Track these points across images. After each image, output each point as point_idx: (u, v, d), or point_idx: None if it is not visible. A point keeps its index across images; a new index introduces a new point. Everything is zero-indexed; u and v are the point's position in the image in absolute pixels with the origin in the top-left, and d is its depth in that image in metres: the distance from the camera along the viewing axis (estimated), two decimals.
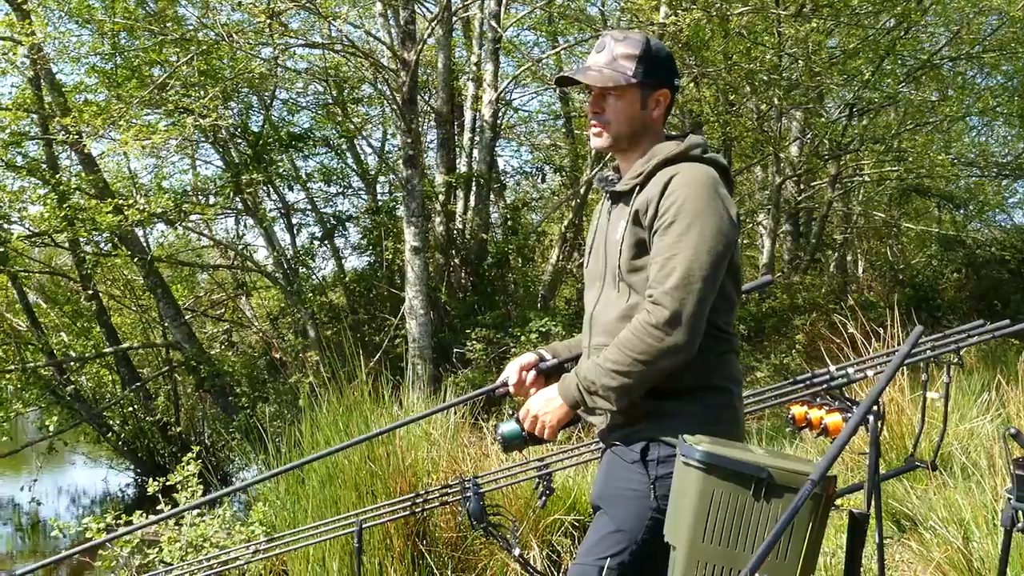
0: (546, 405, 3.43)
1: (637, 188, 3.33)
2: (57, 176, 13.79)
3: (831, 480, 2.84)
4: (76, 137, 12.55)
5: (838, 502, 5.25)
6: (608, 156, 3.70)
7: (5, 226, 13.85)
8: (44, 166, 14.35)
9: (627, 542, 3.21)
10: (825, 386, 4.53)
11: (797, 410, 3.98)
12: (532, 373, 3.72)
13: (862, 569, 3.11)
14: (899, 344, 7.28)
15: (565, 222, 16.45)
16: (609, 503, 3.32)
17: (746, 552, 2.81)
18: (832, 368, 4.63)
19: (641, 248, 3.27)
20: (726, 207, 3.23)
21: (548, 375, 3.71)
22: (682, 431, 3.12)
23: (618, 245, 3.32)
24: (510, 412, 3.69)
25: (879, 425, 3.17)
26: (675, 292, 3.10)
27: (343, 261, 17.59)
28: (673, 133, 3.52)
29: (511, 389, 3.75)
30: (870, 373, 4.59)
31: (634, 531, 3.20)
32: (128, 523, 7.71)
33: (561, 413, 3.40)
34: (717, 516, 2.83)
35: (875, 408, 3.07)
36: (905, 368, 6.62)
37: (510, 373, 3.75)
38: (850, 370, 4.60)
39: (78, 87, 14.85)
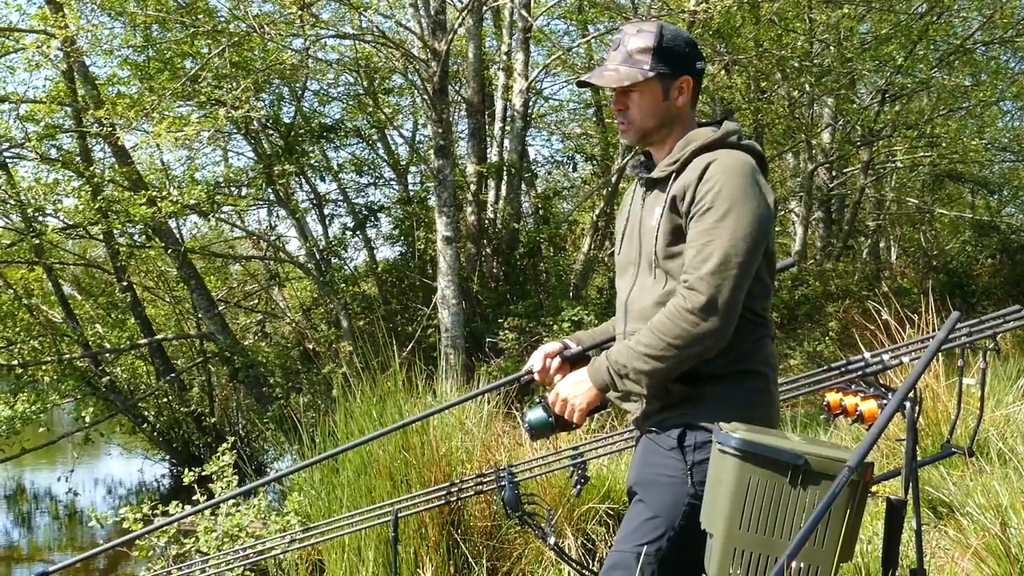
0: (575, 388, 3.42)
1: (673, 175, 3.33)
2: (91, 168, 13.88)
3: (868, 466, 2.84)
4: (109, 129, 12.62)
5: (875, 489, 5.24)
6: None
7: (40, 218, 13.96)
8: (78, 158, 14.45)
9: (664, 528, 3.20)
10: (860, 373, 4.51)
11: (832, 397, 3.96)
12: (557, 360, 3.72)
13: (899, 556, 3.11)
14: (934, 330, 7.24)
15: (596, 211, 16.40)
16: (646, 490, 3.32)
17: (783, 539, 2.81)
18: (867, 355, 4.61)
19: (678, 235, 3.26)
20: (763, 194, 3.22)
21: (573, 362, 3.72)
22: (718, 416, 3.13)
23: (654, 232, 3.31)
24: (537, 400, 3.70)
25: (916, 411, 3.16)
26: (711, 278, 3.09)
27: (375, 251, 17.65)
28: (704, 120, 3.51)
29: (536, 376, 3.76)
30: (906, 359, 4.57)
31: (671, 517, 3.20)
32: (164, 513, 7.77)
33: (591, 396, 3.39)
34: (754, 503, 2.83)
35: (911, 394, 3.07)
36: (940, 354, 6.58)
37: (535, 361, 3.76)
38: (885, 356, 4.57)
39: (111, 80, 14.93)
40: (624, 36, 3.42)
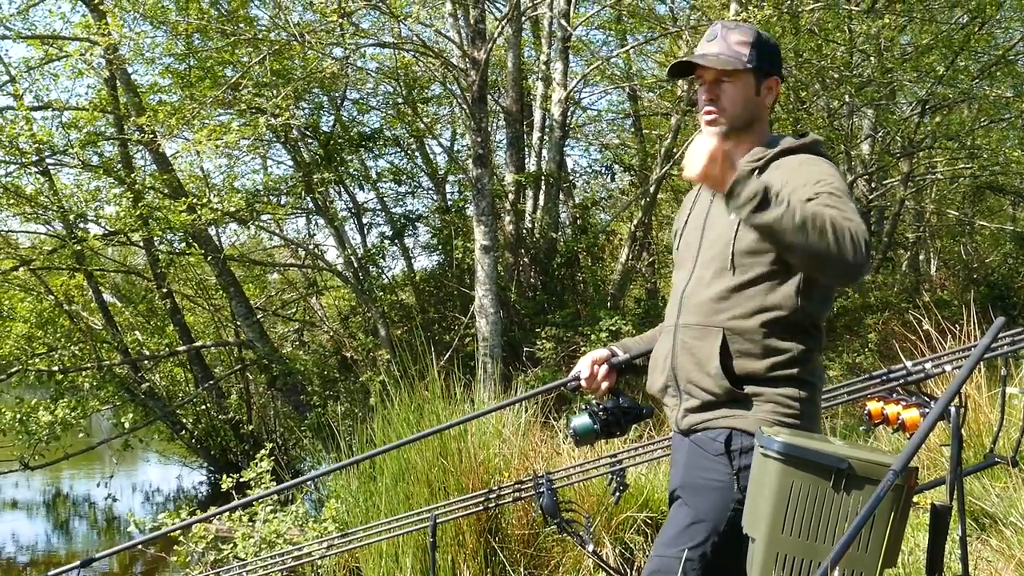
0: (716, 157, 2.99)
1: (757, 172, 3.29)
2: (132, 176, 13.97)
3: (912, 471, 2.81)
4: (150, 137, 12.69)
5: (917, 499, 5.20)
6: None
7: (81, 225, 14.06)
8: (119, 166, 14.55)
9: (708, 533, 3.18)
10: (902, 381, 4.47)
11: (873, 406, 3.93)
12: (604, 367, 3.71)
13: (943, 563, 3.08)
14: (975, 341, 7.19)
15: (634, 221, 16.39)
16: (691, 493, 3.29)
17: (826, 544, 2.79)
18: (908, 364, 4.57)
19: None
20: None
21: (621, 370, 3.70)
22: (765, 423, 3.12)
23: (734, 225, 3.28)
24: (583, 407, 3.71)
25: (961, 415, 3.13)
26: (862, 228, 2.96)
27: (413, 260, 17.68)
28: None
29: (583, 383, 3.73)
30: (948, 368, 4.53)
31: (716, 522, 3.17)
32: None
33: (723, 173, 2.98)
34: (796, 508, 2.81)
35: (956, 399, 3.04)
36: (982, 365, 6.53)
37: (582, 367, 3.73)
38: (927, 365, 4.54)
39: (152, 87, 15.05)
40: (722, 29, 3.45)
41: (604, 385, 3.67)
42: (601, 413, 3.65)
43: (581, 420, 3.66)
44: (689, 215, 3.59)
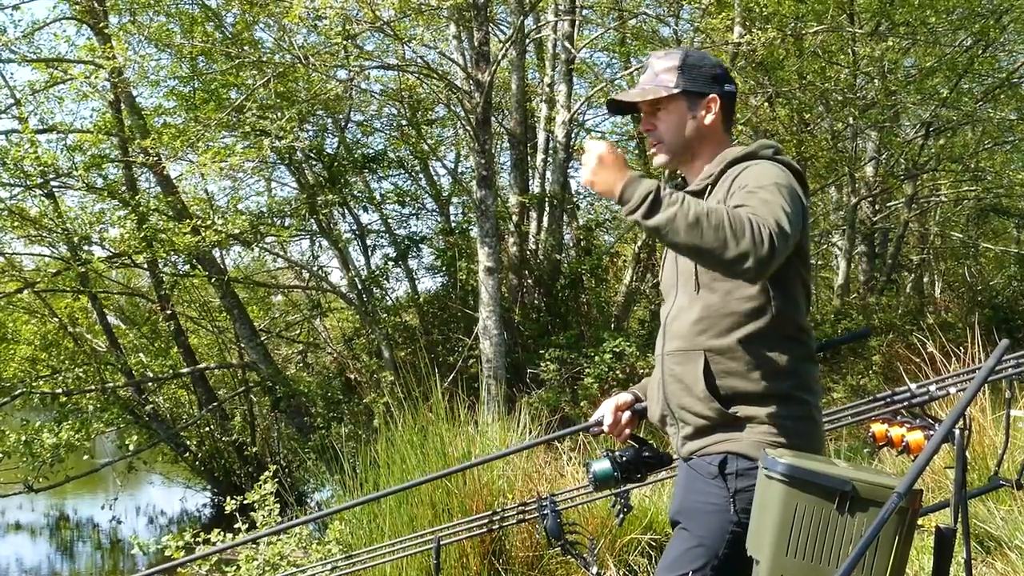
0: (605, 161, 2.99)
1: (709, 187, 3.31)
2: (136, 198, 13.99)
3: (917, 494, 2.80)
4: (155, 159, 12.72)
5: (922, 522, 5.19)
6: (670, 172, 3.65)
7: (86, 248, 14.07)
8: (123, 188, 14.57)
9: (707, 557, 3.16)
10: (906, 403, 4.46)
11: (877, 428, 3.90)
12: (627, 413, 3.68)
13: None
14: (980, 364, 7.17)
15: (638, 242, 16.40)
16: (688, 517, 3.27)
17: (830, 567, 2.77)
18: (912, 386, 4.55)
19: None
20: (800, 193, 3.13)
21: (643, 416, 3.68)
22: (760, 444, 3.11)
23: None
24: (604, 453, 3.69)
25: (966, 438, 3.12)
26: (776, 219, 2.87)
27: (417, 282, 17.69)
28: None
29: (605, 429, 3.71)
30: (952, 390, 4.50)
31: (715, 545, 3.15)
32: (207, 542, 7.79)
33: (614, 178, 2.96)
34: (800, 530, 2.80)
35: (961, 421, 3.03)
36: (986, 388, 6.52)
37: (605, 412, 3.69)
38: (931, 387, 4.51)
39: (157, 110, 15.09)
40: (651, 59, 3.48)
41: (626, 432, 3.66)
42: (622, 459, 3.64)
43: (602, 465, 3.63)
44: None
